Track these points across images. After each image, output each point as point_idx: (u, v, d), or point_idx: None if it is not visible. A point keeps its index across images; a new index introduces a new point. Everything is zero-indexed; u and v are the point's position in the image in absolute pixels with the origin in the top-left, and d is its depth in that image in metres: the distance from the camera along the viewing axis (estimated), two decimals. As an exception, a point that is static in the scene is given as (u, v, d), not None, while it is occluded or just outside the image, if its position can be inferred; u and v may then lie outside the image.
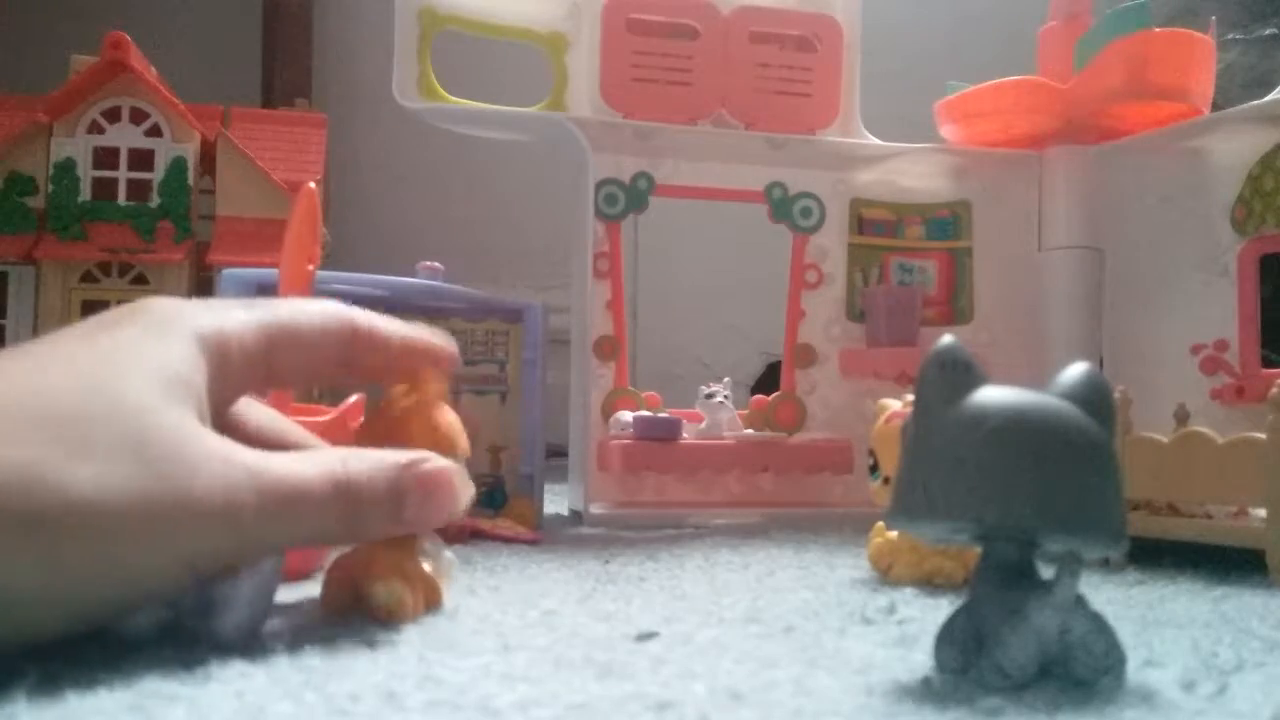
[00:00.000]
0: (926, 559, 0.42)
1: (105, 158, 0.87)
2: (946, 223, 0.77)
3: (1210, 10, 0.79)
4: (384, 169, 1.40)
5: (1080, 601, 0.26)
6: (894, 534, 0.44)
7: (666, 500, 0.69)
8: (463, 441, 0.35)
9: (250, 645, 0.28)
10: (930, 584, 0.42)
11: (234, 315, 0.30)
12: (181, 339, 0.29)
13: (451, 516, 0.32)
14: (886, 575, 0.43)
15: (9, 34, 1.30)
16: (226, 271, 0.57)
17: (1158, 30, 0.67)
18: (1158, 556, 0.46)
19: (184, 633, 0.28)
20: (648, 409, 0.68)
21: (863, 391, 0.72)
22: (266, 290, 0.53)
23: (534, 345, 0.63)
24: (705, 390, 0.69)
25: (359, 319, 0.33)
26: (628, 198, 0.71)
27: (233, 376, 0.30)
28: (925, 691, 0.25)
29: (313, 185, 0.42)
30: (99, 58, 0.84)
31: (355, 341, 0.33)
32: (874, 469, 0.47)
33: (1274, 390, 0.43)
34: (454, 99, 0.68)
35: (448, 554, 0.36)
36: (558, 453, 0.68)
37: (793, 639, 0.31)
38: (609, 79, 0.69)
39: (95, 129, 0.86)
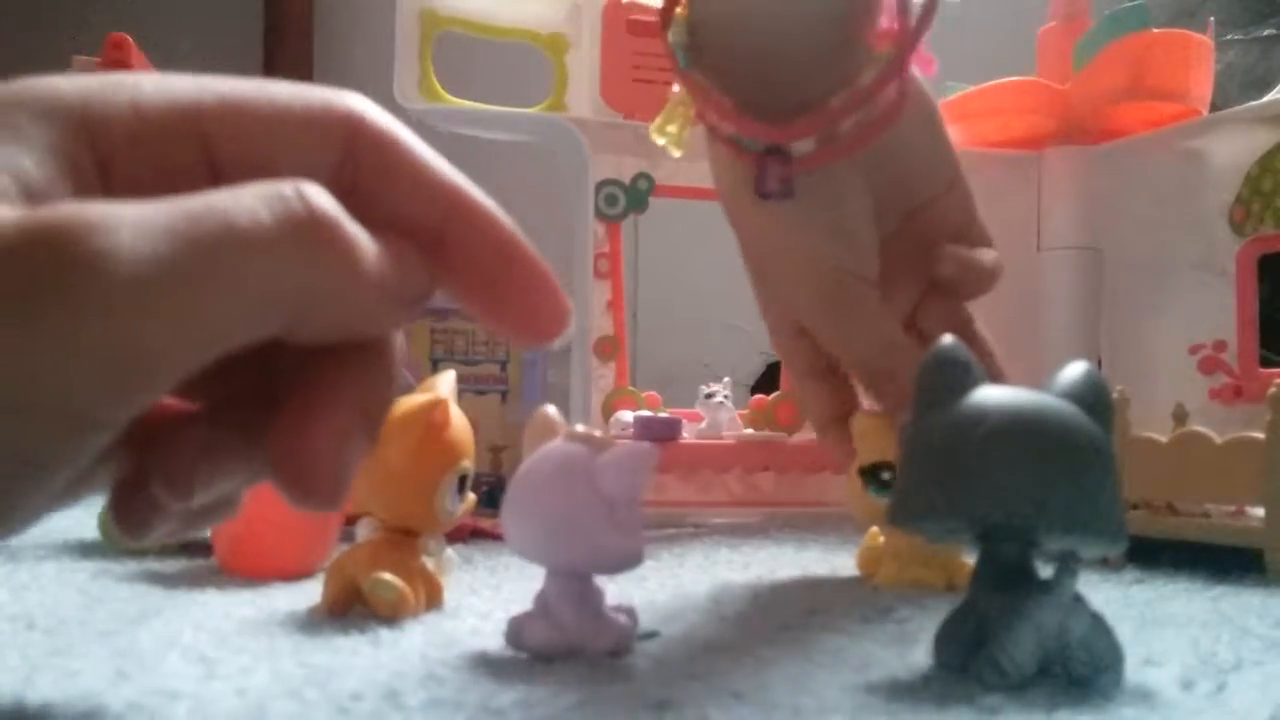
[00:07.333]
0: (907, 568, 0.41)
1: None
2: (946, 223, 0.76)
3: (1209, 11, 0.79)
4: (384, 169, 1.40)
5: (1079, 600, 0.26)
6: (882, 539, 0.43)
7: (666, 500, 0.69)
8: (470, 446, 0.35)
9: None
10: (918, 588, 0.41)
11: (129, 80, 0.20)
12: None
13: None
14: (869, 581, 0.43)
15: (9, 34, 1.30)
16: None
17: (1156, 31, 0.67)
18: (1156, 556, 0.46)
19: None
20: (648, 409, 0.68)
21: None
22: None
23: (534, 345, 0.63)
24: (705, 390, 0.69)
25: (371, 117, 0.22)
26: (628, 198, 0.71)
27: (118, 161, 0.19)
28: (925, 690, 0.25)
29: None
30: (100, 58, 0.84)
31: (359, 149, 0.21)
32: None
33: (1272, 390, 0.43)
34: (454, 100, 0.68)
35: (449, 552, 0.37)
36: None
37: (792, 638, 0.31)
38: (609, 79, 0.69)
39: (95, 129, 0.86)
